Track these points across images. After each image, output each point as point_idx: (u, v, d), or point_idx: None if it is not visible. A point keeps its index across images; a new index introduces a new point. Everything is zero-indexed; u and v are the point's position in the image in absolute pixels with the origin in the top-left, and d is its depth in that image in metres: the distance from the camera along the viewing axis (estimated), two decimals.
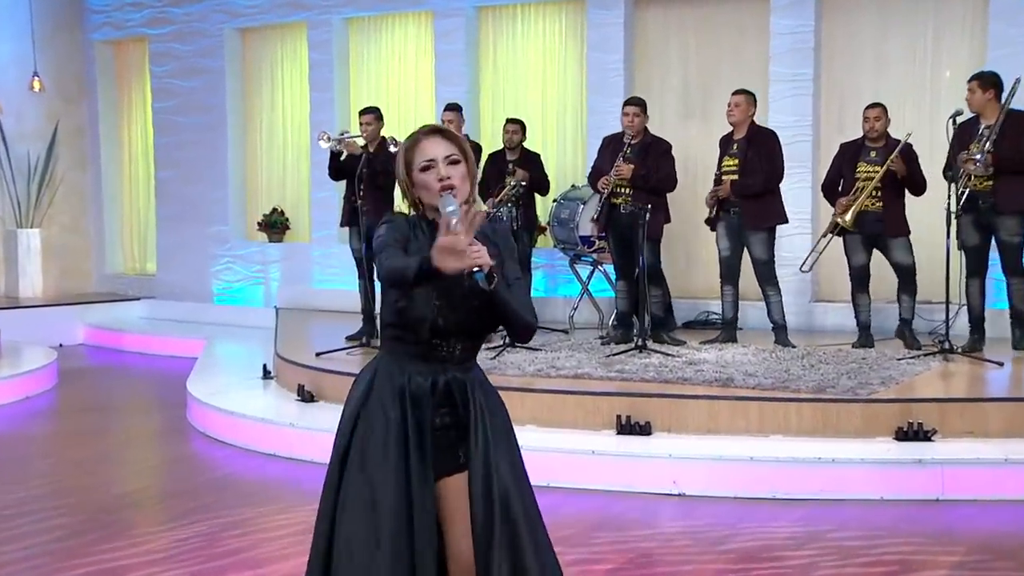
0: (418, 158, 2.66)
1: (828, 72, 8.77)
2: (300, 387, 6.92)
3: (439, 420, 2.67)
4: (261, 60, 11.48)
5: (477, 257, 2.48)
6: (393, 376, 2.67)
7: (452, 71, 10.00)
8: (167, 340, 10.49)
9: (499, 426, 2.72)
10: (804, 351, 7.11)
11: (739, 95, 7.49)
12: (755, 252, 7.42)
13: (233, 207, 11.52)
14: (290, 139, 11.41)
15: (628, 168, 7.40)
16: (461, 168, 2.67)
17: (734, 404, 5.75)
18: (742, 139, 7.44)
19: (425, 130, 2.70)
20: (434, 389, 2.65)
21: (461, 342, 2.68)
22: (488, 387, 2.77)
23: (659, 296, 7.71)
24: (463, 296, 2.63)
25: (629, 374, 6.39)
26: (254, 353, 8.86)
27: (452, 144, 2.67)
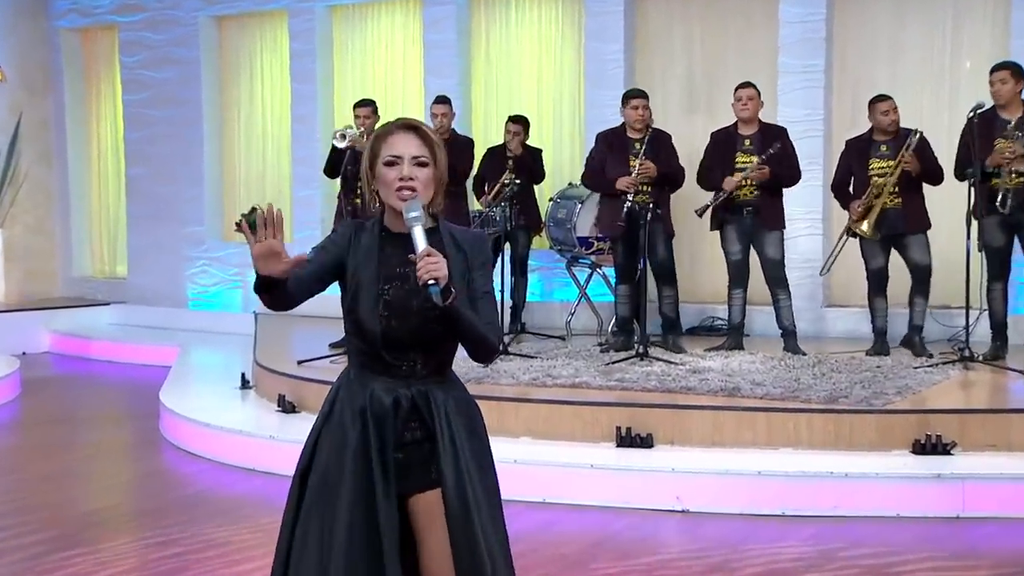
0: (384, 151, 2.65)
1: (841, 63, 8.79)
2: (281, 397, 6.92)
3: (409, 435, 2.67)
4: (239, 50, 11.48)
5: (433, 269, 2.48)
6: (355, 393, 2.68)
7: (442, 62, 10.01)
8: (138, 348, 10.48)
9: (473, 445, 2.69)
10: (815, 359, 7.12)
11: (750, 88, 7.49)
12: (769, 253, 7.43)
13: (209, 206, 11.51)
14: (270, 134, 11.41)
15: (653, 166, 7.40)
16: (427, 172, 2.65)
17: (741, 415, 5.75)
18: (755, 134, 7.44)
19: (399, 123, 2.68)
20: (397, 405, 2.65)
21: (420, 355, 2.66)
22: (463, 401, 2.74)
23: (672, 296, 7.73)
24: (417, 308, 2.62)
25: (629, 383, 6.39)
26: (231, 361, 8.85)
27: (424, 145, 2.65)
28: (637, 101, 7.55)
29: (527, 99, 10.03)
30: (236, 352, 9.25)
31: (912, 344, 7.28)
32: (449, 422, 2.67)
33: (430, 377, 2.69)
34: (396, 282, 2.66)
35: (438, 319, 2.59)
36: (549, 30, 10.00)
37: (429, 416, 2.65)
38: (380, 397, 2.64)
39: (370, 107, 7.97)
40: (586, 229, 8.40)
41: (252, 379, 7.79)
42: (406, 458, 2.66)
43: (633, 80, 9.31)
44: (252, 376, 7.82)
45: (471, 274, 2.69)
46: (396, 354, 2.65)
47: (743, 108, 7.45)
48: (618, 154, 7.55)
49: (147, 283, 11.76)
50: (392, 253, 2.67)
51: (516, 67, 10.11)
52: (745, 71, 8.87)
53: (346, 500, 2.60)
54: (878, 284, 7.35)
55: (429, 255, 2.50)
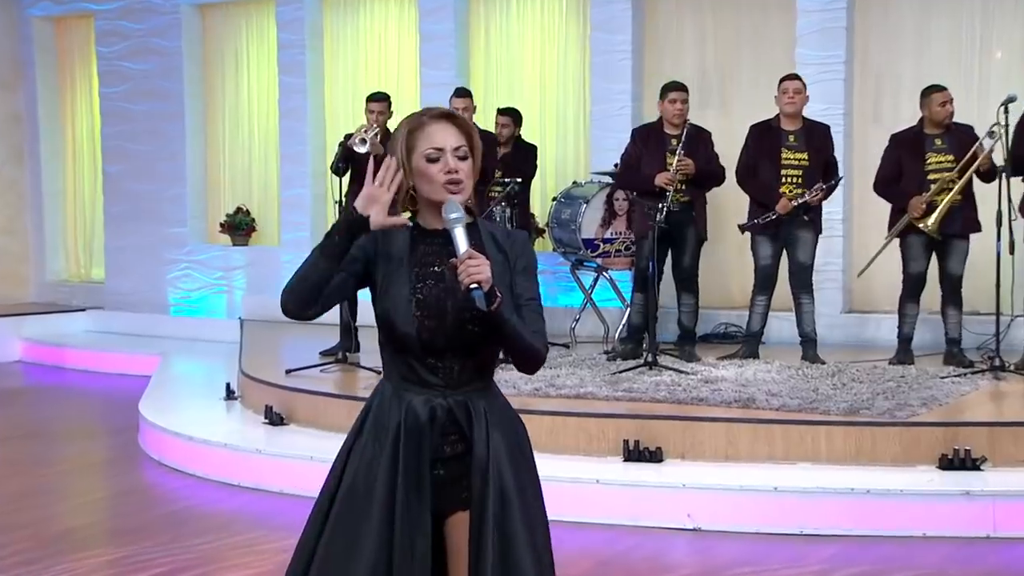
0: (423, 144, 2.61)
1: (862, 54, 8.80)
2: (268, 408, 6.92)
3: (449, 448, 2.64)
4: (223, 40, 11.49)
5: (476, 272, 2.46)
6: (390, 407, 2.65)
7: (439, 54, 10.02)
8: (116, 356, 10.49)
9: (516, 463, 2.66)
10: (835, 368, 7.12)
11: (797, 80, 7.46)
12: (802, 256, 7.43)
13: (192, 206, 11.52)
14: (257, 130, 11.42)
15: (691, 161, 7.39)
16: (468, 164, 2.63)
17: (756, 428, 5.76)
18: (799, 130, 7.42)
19: (434, 113, 2.65)
20: (433, 416, 2.62)
21: (459, 361, 2.63)
22: (506, 413, 2.72)
23: (692, 306, 7.74)
24: (452, 308, 2.60)
25: (638, 394, 6.40)
26: (216, 371, 8.85)
27: (463, 135, 2.64)
28: (676, 94, 7.53)
29: (529, 93, 10.05)
30: (220, 361, 9.25)
31: (953, 358, 7.24)
32: (489, 435, 2.63)
33: (469, 384, 2.65)
34: (429, 281, 2.64)
35: (476, 320, 2.57)
36: (552, 20, 10.02)
37: (468, 426, 2.63)
38: (415, 409, 2.62)
39: (384, 102, 7.80)
40: (592, 230, 8.41)
41: (238, 390, 7.79)
42: (447, 474, 2.64)
43: (641, 73, 9.32)
44: (237, 386, 7.83)
45: (514, 278, 2.66)
46: (432, 359, 2.62)
47: (789, 102, 7.40)
48: (654, 151, 7.52)
49: (126, 288, 11.77)
50: (426, 251, 2.66)
51: (517, 59, 10.13)
52: (760, 63, 8.89)
53: (376, 521, 2.57)
54: (914, 288, 7.33)
55: (471, 257, 2.48)
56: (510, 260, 2.67)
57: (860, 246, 8.52)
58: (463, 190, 2.61)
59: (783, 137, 7.44)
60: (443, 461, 2.64)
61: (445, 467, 2.64)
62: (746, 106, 8.78)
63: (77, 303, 12.09)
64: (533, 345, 2.63)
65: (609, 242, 8.46)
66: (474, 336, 2.61)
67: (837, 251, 8.57)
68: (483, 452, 2.61)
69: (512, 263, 2.67)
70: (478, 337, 2.61)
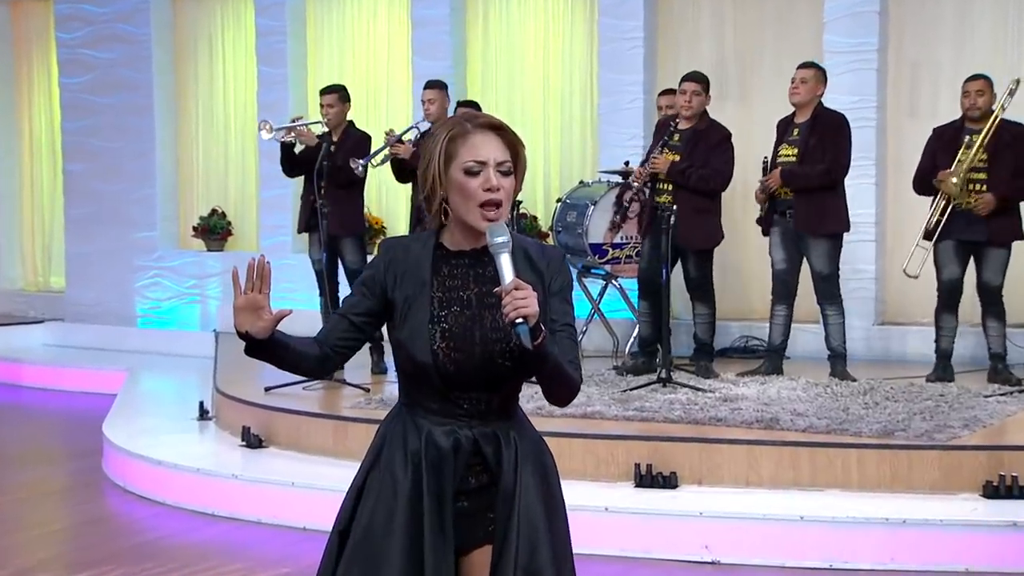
0: (464, 155, 2.58)
1: (897, 42, 8.81)
2: (245, 430, 6.93)
3: (474, 480, 2.66)
4: (196, 27, 11.52)
5: (523, 307, 2.42)
6: (407, 435, 2.65)
7: (433, 42, 10.04)
8: (78, 372, 10.48)
9: (544, 496, 2.68)
10: (867, 385, 7.13)
11: (806, 69, 7.46)
12: (815, 264, 7.42)
13: (162, 208, 11.54)
14: (233, 124, 11.44)
15: (665, 160, 7.44)
16: (510, 183, 2.61)
17: (780, 451, 5.76)
18: (804, 123, 7.44)
19: (480, 122, 2.61)
20: (458, 448, 2.63)
21: (486, 395, 2.64)
22: (534, 443, 2.73)
23: (707, 316, 7.74)
24: (481, 338, 2.60)
25: (650, 413, 6.40)
26: (188, 388, 8.85)
27: (507, 149, 2.61)
28: (684, 84, 7.58)
29: (531, 84, 10.07)
30: (193, 377, 9.24)
31: (998, 375, 7.24)
32: (517, 466, 2.64)
33: (497, 416, 2.67)
34: (455, 308, 2.63)
35: (508, 354, 2.57)
36: (557, 4, 10.04)
37: (495, 456, 2.64)
38: (437, 439, 2.62)
39: (336, 94, 7.97)
40: (600, 235, 8.41)
41: (212, 409, 7.79)
42: (471, 506, 2.66)
43: (654, 63, 9.34)
44: (212, 405, 7.83)
45: (548, 300, 2.64)
46: (457, 392, 2.62)
47: (793, 92, 7.42)
48: (657, 142, 7.61)
49: (88, 297, 11.78)
50: (451, 273, 2.65)
51: (518, 47, 10.15)
52: (784, 50, 8.89)
53: (396, 559, 2.58)
54: (949, 298, 7.33)
55: (518, 288, 2.44)
56: (545, 280, 2.65)
57: (894, 251, 8.54)
58: (502, 214, 2.58)
59: (789, 131, 7.48)
60: (467, 493, 2.66)
61: (469, 499, 2.66)
62: (768, 98, 8.79)
63: (35, 314, 12.11)
64: (571, 376, 2.61)
65: (619, 247, 8.47)
66: (504, 370, 2.60)
67: (868, 257, 8.57)
68: (511, 483, 2.63)
69: (547, 284, 2.65)
70: (509, 371, 2.61)
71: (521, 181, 2.65)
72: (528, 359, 2.52)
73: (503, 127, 2.63)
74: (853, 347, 7.86)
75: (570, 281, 2.72)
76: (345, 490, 2.74)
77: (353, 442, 6.38)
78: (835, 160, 7.37)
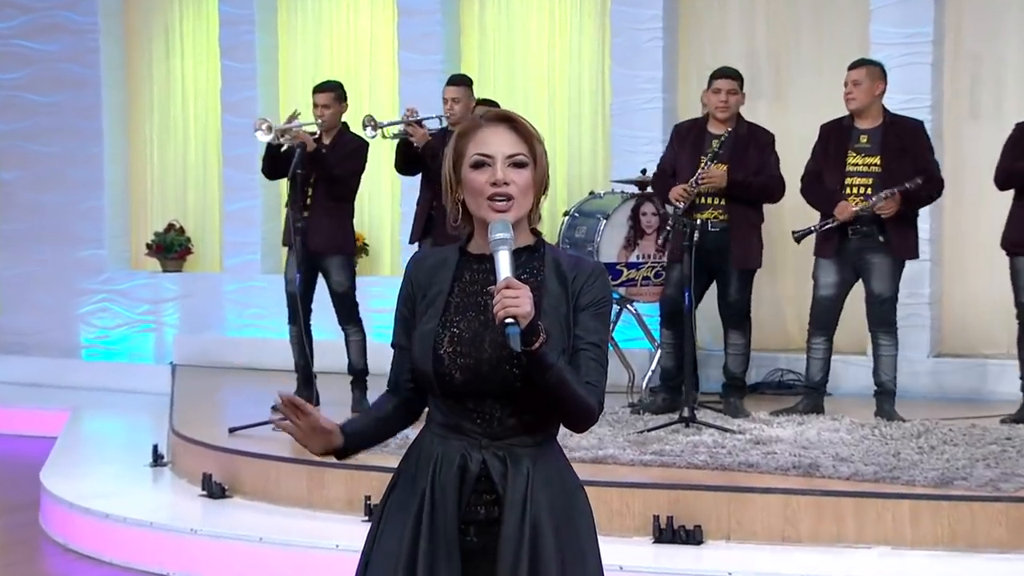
0: (471, 150, 2.78)
1: (955, 32, 8.82)
2: (206, 477, 6.92)
3: (483, 511, 2.76)
4: (151, 15, 11.56)
5: (511, 304, 2.57)
6: (426, 457, 2.81)
7: (422, 33, 10.07)
8: (12, 412, 10.45)
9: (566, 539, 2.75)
10: (921, 427, 7.12)
11: (857, 69, 7.47)
12: (876, 285, 7.40)
13: (111, 223, 11.56)
14: (193, 127, 11.47)
15: (721, 171, 7.45)
16: (526, 174, 2.77)
17: (820, 502, 5.75)
18: (876, 128, 7.45)
19: (489, 116, 2.82)
20: (464, 469, 2.75)
21: (499, 408, 2.76)
22: (559, 478, 2.81)
23: (742, 347, 7.76)
24: (491, 346, 2.73)
25: (671, 458, 6.39)
26: (140, 430, 8.83)
27: (521, 140, 2.79)
28: (721, 83, 7.58)
29: (534, 82, 10.09)
30: (146, 417, 9.23)
31: None
32: (528, 498, 2.72)
33: (515, 437, 2.77)
34: (470, 313, 2.79)
35: (515, 360, 2.68)
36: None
37: (503, 484, 2.73)
38: (446, 461, 2.76)
39: (333, 92, 7.99)
40: (613, 253, 8.42)
41: (167, 453, 7.78)
42: (480, 541, 2.76)
43: (675, 57, 9.36)
44: (168, 449, 7.82)
45: (575, 315, 2.77)
46: (471, 403, 2.77)
47: (848, 98, 7.42)
48: (690, 153, 7.58)
49: (25, 325, 11.77)
50: (472, 279, 2.82)
51: (520, 40, 10.18)
52: (825, 43, 8.92)
53: None
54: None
55: (508, 287, 2.58)
56: (570, 292, 2.78)
57: (953, 273, 8.54)
58: (512, 207, 2.75)
59: (851, 137, 7.46)
60: (476, 525, 2.76)
61: (478, 533, 2.75)
62: (806, 97, 8.83)
63: None
64: (583, 399, 2.71)
65: (635, 267, 8.47)
66: (513, 378, 2.72)
67: (923, 279, 8.56)
68: (516, 518, 2.71)
69: (573, 296, 2.78)
70: (518, 380, 2.72)
71: (543, 172, 2.80)
72: (528, 366, 2.65)
73: (514, 118, 2.80)
74: (905, 382, 7.86)
75: (605, 297, 2.83)
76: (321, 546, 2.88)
77: (330, 491, 6.38)
78: (934, 176, 7.42)
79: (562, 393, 2.68)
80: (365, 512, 6.14)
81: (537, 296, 2.68)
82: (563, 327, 2.74)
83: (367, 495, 6.16)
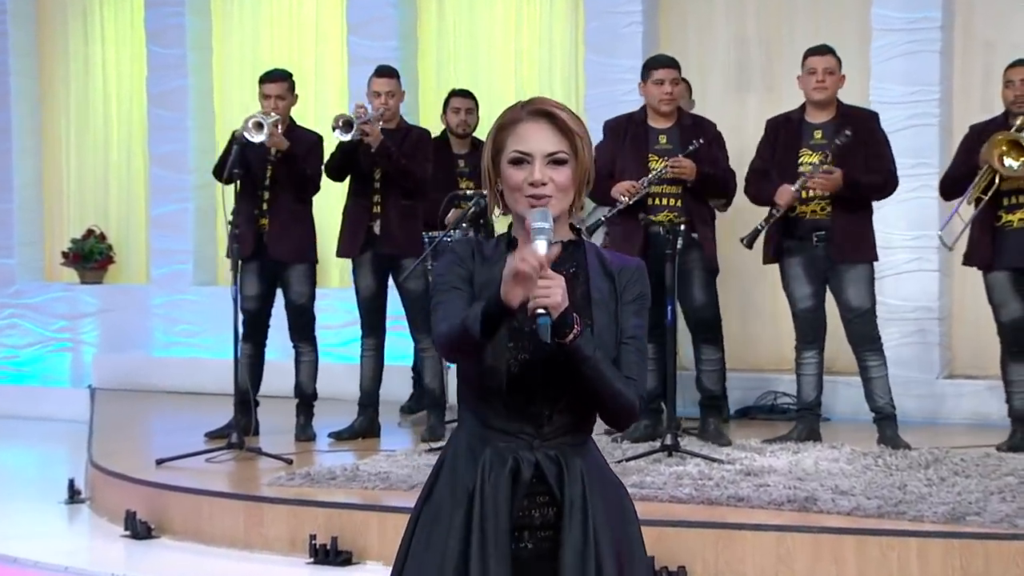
0: (510, 144, 2.98)
1: (965, 17, 8.88)
2: (130, 515, 6.88)
3: (539, 515, 2.93)
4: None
5: (543, 295, 2.74)
6: (464, 465, 2.95)
7: (373, 16, 10.08)
8: None
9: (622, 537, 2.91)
10: (929, 456, 7.14)
11: (828, 56, 7.54)
12: (852, 298, 7.45)
13: (22, 228, 11.51)
14: (116, 122, 11.44)
15: (690, 164, 7.47)
16: (566, 172, 2.97)
17: (818, 540, 5.76)
18: (829, 123, 7.50)
19: (531, 108, 2.99)
20: (517, 472, 2.90)
21: (550, 404, 2.94)
22: (608, 477, 3.01)
23: (716, 362, 7.79)
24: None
25: (653, 491, 6.40)
26: (53, 462, 8.79)
27: (562, 136, 2.97)
28: (663, 73, 7.64)
29: (499, 71, 10.11)
30: (61, 448, 9.19)
31: None
32: (587, 500, 2.90)
33: (564, 436, 2.95)
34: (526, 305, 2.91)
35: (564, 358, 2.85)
36: None
37: (559, 485, 2.90)
38: (493, 464, 2.91)
39: (284, 82, 7.98)
40: None
41: (85, 489, 7.74)
42: (536, 547, 2.92)
43: (656, 45, 9.38)
44: (86, 484, 7.78)
45: (621, 309, 2.99)
46: (520, 399, 2.92)
47: (818, 87, 7.48)
48: (633, 151, 7.64)
49: None
50: None
51: (483, 24, 10.20)
52: (821, 28, 8.95)
53: None
54: (1015, 343, 7.40)
55: (542, 276, 2.74)
56: (618, 288, 3.01)
57: (964, 285, 8.58)
58: (550, 204, 2.94)
59: (806, 133, 7.53)
60: (532, 531, 2.92)
61: (533, 538, 2.92)
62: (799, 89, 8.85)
63: None
64: (620, 391, 2.91)
65: None
66: (564, 376, 2.90)
67: (931, 291, 8.61)
68: (579, 520, 2.88)
69: (620, 292, 3.01)
70: (568, 378, 2.90)
71: (585, 167, 3.00)
72: (565, 357, 2.83)
73: (554, 112, 2.97)
74: (911, 405, 7.90)
75: (646, 293, 3.05)
76: None
77: (271, 529, 6.36)
78: (890, 171, 7.48)
79: (600, 388, 2.88)
80: (310, 553, 6.12)
81: (583, 288, 2.94)
82: (612, 322, 2.95)
83: (312, 534, 6.14)
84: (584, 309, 2.92)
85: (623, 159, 7.64)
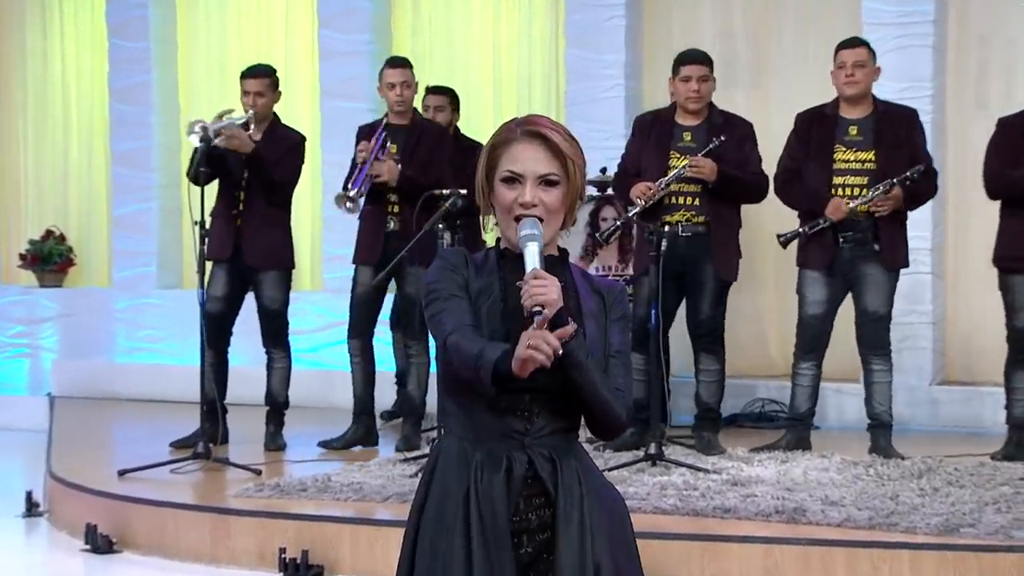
0: (504, 163, 3.14)
1: (960, 11, 8.90)
2: (90, 529, 6.86)
3: (535, 517, 3.06)
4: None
5: (539, 293, 2.91)
6: (457, 466, 3.07)
7: (345, 8, 10.07)
8: None
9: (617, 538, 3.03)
10: (922, 465, 7.16)
11: (859, 48, 7.52)
12: (871, 302, 7.43)
13: None
14: (76, 117, 11.42)
15: (711, 164, 7.48)
16: (557, 192, 3.12)
17: (807, 552, 5.77)
18: (867, 118, 7.50)
19: (525, 128, 3.14)
20: (510, 471, 3.04)
21: (539, 404, 3.09)
22: (601, 479, 3.16)
23: (715, 373, 7.80)
24: None
25: (637, 501, 6.39)
26: (9, 473, 8.79)
27: (555, 159, 3.12)
28: (690, 69, 7.63)
29: (477, 66, 10.11)
30: (17, 459, 9.18)
31: None
32: (584, 500, 3.04)
33: (552, 437, 3.11)
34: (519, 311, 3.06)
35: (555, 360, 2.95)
36: None
37: (553, 482, 3.04)
38: (486, 466, 3.04)
39: (268, 79, 7.98)
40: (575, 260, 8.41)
41: (44, 501, 7.72)
42: (536, 550, 3.07)
43: (640, 39, 9.40)
44: (44, 496, 7.75)
45: (610, 328, 3.17)
46: (508, 398, 3.05)
47: (848, 82, 7.43)
48: (655, 147, 7.63)
49: None
50: (516, 278, 3.08)
51: (460, 17, 10.21)
52: (810, 22, 8.97)
53: None
54: (1021, 349, 7.44)
55: (536, 277, 2.94)
56: (607, 304, 3.20)
57: (958, 288, 8.61)
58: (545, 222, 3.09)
59: (840, 129, 7.51)
60: (528, 534, 3.06)
61: (532, 542, 3.06)
62: (789, 86, 8.89)
63: None
64: (609, 401, 3.09)
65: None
66: (554, 378, 3.01)
67: (924, 295, 8.63)
68: (575, 519, 3.00)
69: (608, 309, 3.19)
70: (558, 380, 3.02)
71: (576, 188, 3.13)
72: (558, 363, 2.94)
73: (548, 134, 3.11)
74: (903, 413, 7.91)
75: (629, 315, 3.28)
76: None
77: (238, 542, 6.35)
78: (933, 171, 7.50)
79: (590, 395, 3.05)
80: (279, 567, 6.12)
81: (573, 301, 3.10)
82: (602, 336, 3.13)
83: (281, 547, 6.14)
84: (575, 319, 3.03)
85: (646, 156, 7.64)
